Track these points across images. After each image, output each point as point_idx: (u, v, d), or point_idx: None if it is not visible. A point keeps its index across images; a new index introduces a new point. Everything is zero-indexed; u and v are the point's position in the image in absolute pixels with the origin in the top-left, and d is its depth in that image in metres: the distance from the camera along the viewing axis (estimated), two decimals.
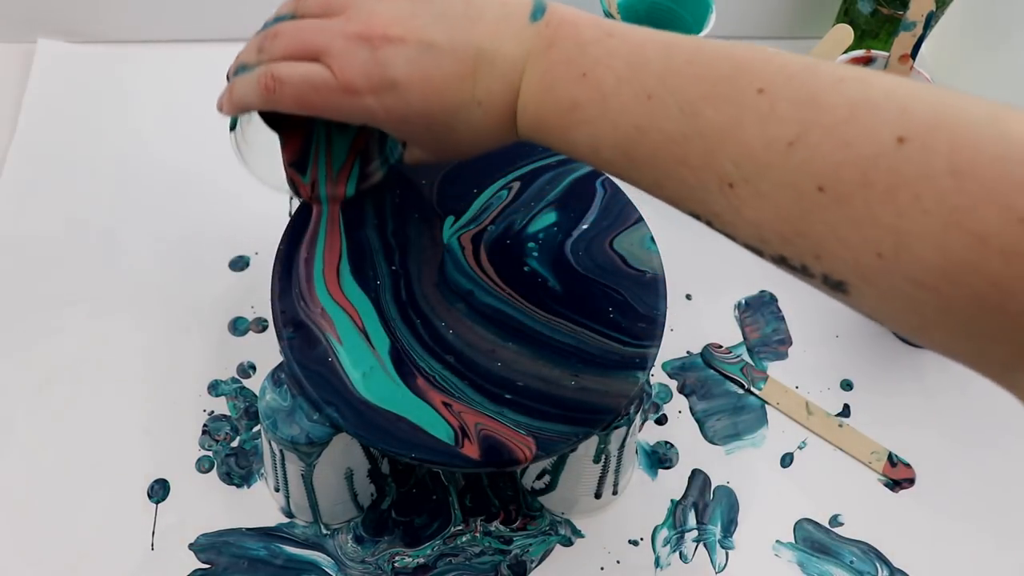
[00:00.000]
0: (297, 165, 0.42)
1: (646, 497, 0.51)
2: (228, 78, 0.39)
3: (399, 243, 0.45)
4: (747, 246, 0.30)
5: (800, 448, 0.54)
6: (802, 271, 0.29)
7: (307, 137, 0.41)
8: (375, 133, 0.43)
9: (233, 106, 0.38)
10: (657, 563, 0.49)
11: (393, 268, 0.44)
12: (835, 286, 0.28)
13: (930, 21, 0.58)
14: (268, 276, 0.43)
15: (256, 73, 0.36)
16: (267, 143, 0.42)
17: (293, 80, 0.35)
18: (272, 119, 0.40)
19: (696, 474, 0.52)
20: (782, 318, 0.59)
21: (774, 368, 0.57)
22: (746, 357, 0.57)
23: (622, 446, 0.46)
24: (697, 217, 0.32)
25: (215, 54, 0.68)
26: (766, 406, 0.55)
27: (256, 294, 0.56)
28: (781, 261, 0.29)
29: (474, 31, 0.34)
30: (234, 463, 0.51)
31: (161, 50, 0.68)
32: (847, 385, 0.57)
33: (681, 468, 0.53)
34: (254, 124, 0.41)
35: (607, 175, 0.48)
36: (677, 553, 0.50)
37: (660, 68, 0.30)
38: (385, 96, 0.34)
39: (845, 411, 0.55)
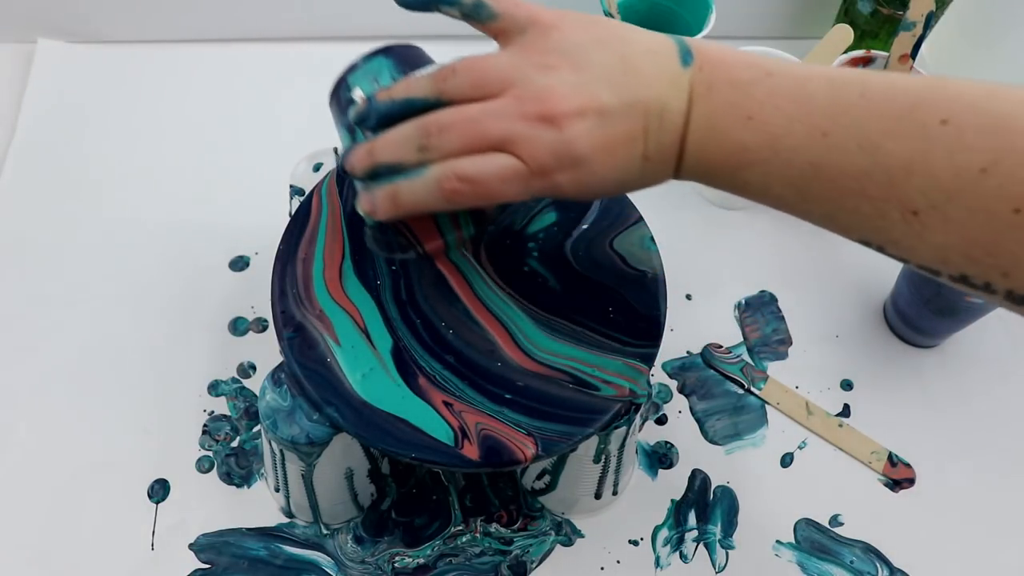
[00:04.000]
0: (423, 227, 0.42)
1: (646, 497, 0.51)
2: (348, 173, 0.36)
3: None
4: (923, 268, 0.31)
5: (800, 448, 0.54)
6: (984, 288, 0.29)
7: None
8: None
9: (399, 211, 0.35)
10: (657, 563, 0.49)
11: (393, 268, 0.44)
12: (1020, 300, 0.29)
13: (930, 21, 0.58)
14: (268, 276, 0.43)
15: (432, 177, 0.33)
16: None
17: (483, 176, 0.33)
18: None
19: (696, 474, 0.52)
20: (782, 318, 0.59)
21: (774, 368, 0.57)
22: (746, 357, 0.57)
23: (622, 446, 0.46)
24: (867, 244, 0.32)
25: (215, 54, 0.69)
26: (766, 406, 0.55)
27: (256, 294, 0.56)
28: (962, 280, 0.30)
29: (636, 87, 0.33)
30: (234, 463, 0.51)
31: (161, 50, 0.68)
32: (847, 385, 0.57)
33: (681, 468, 0.53)
34: None
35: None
36: (677, 553, 0.50)
37: (830, 105, 0.31)
38: (572, 172, 0.33)
39: (845, 411, 0.55)
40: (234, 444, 0.51)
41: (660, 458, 0.53)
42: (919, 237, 0.30)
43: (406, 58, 0.40)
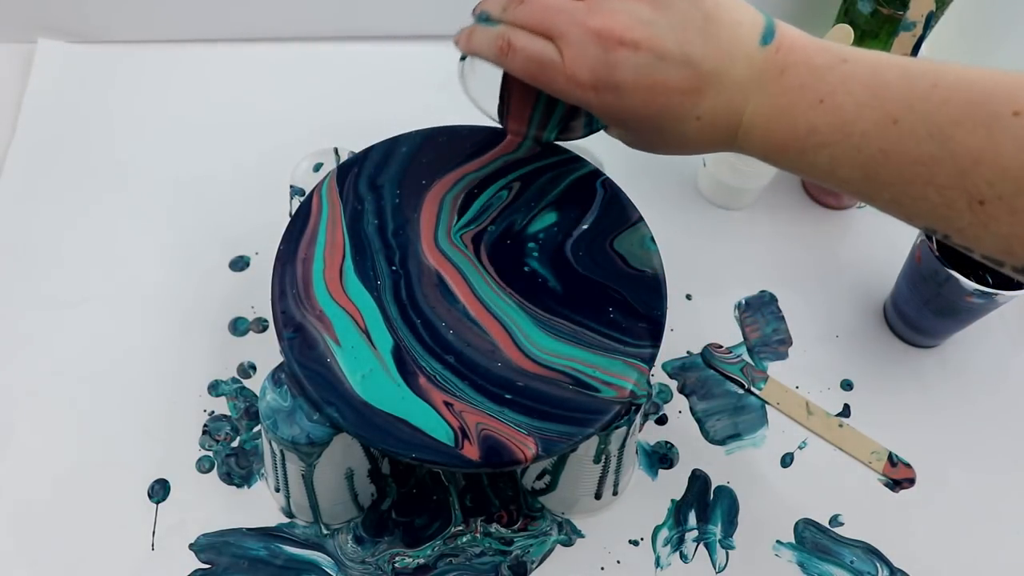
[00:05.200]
0: (518, 108, 0.45)
1: (646, 497, 0.51)
2: (473, 13, 0.40)
3: (399, 243, 0.45)
4: (987, 258, 0.31)
5: (800, 448, 0.54)
6: None
7: (532, 87, 0.43)
8: None
9: (468, 49, 0.40)
10: (657, 563, 0.49)
11: (393, 268, 0.44)
12: None
13: (930, 21, 0.58)
14: (268, 276, 0.43)
15: (495, 32, 0.38)
16: (491, 77, 0.43)
17: (525, 52, 0.36)
18: None
19: (696, 474, 0.52)
20: (782, 318, 0.59)
21: (774, 368, 0.57)
22: (746, 357, 0.57)
23: (622, 446, 0.46)
24: (933, 232, 0.32)
25: (215, 54, 0.69)
26: (766, 406, 0.55)
27: (256, 294, 0.56)
28: None
29: (707, 48, 0.34)
30: (234, 463, 0.51)
31: (161, 50, 0.68)
32: (847, 385, 0.57)
33: (681, 468, 0.53)
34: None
35: (607, 176, 0.48)
36: (677, 553, 0.50)
37: (903, 93, 0.31)
38: (606, 94, 0.35)
39: (845, 411, 0.55)
40: (234, 444, 0.51)
41: (660, 458, 0.53)
42: (984, 227, 0.30)
43: None
